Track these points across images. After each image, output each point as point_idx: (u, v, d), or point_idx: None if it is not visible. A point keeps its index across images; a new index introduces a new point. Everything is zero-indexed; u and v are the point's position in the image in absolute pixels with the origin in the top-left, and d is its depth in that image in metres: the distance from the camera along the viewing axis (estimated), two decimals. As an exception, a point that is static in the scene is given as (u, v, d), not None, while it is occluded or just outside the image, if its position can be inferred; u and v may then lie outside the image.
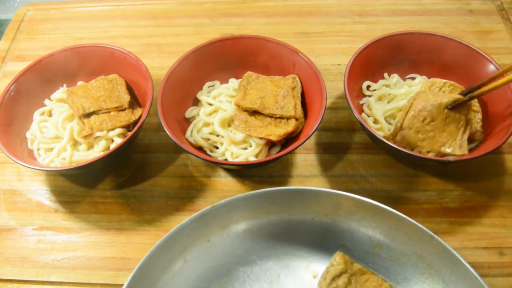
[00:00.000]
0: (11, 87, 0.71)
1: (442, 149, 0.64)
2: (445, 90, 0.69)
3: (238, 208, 0.57)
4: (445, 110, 0.64)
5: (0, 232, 0.68)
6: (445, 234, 0.64)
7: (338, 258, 0.56)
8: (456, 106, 0.64)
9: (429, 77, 0.75)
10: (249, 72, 0.74)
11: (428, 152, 0.65)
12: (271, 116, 0.69)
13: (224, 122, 0.71)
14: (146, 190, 0.71)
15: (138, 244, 0.65)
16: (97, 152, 0.69)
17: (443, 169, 0.71)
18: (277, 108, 0.68)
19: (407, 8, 0.95)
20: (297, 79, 0.74)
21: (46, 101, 0.75)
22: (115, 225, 0.67)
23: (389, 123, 0.71)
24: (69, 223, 0.68)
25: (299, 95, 0.71)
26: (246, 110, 0.70)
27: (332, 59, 0.87)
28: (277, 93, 0.70)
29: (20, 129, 0.71)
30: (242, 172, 0.72)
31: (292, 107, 0.69)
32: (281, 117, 0.69)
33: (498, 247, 0.63)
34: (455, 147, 0.64)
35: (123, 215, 0.68)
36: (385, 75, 0.76)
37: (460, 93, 0.66)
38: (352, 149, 0.74)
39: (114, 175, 0.73)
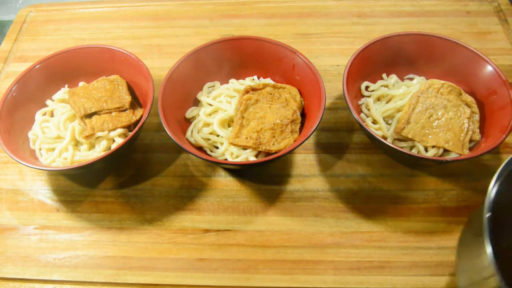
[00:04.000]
0: (13, 88, 0.71)
1: (446, 145, 0.66)
2: (443, 92, 0.70)
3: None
4: (450, 112, 0.67)
5: (2, 231, 0.68)
6: (443, 233, 0.65)
7: None
8: None
9: (427, 78, 0.76)
10: (247, 95, 0.71)
11: (433, 146, 0.67)
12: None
13: (223, 122, 0.71)
14: (146, 190, 0.71)
15: (139, 243, 0.66)
16: (98, 152, 0.70)
17: (441, 168, 0.71)
18: (273, 144, 0.68)
19: (405, 10, 0.95)
20: (298, 98, 0.72)
21: (48, 102, 0.76)
22: (116, 224, 0.68)
23: (388, 123, 0.72)
24: (71, 222, 0.69)
25: (298, 129, 0.70)
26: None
27: (331, 60, 0.87)
28: (276, 125, 0.68)
29: (22, 129, 0.72)
30: (242, 172, 0.73)
31: (287, 142, 0.67)
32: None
33: (495, 246, 0.63)
34: (458, 145, 0.66)
35: (124, 214, 0.69)
36: (384, 75, 0.77)
37: None
38: (351, 149, 0.74)
39: (115, 175, 0.73)
